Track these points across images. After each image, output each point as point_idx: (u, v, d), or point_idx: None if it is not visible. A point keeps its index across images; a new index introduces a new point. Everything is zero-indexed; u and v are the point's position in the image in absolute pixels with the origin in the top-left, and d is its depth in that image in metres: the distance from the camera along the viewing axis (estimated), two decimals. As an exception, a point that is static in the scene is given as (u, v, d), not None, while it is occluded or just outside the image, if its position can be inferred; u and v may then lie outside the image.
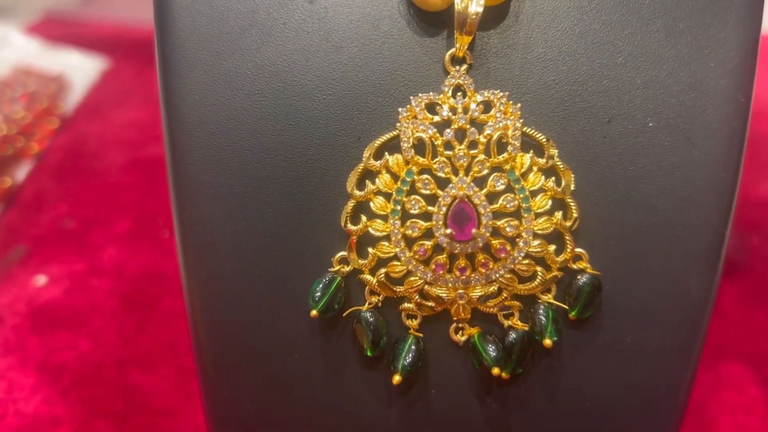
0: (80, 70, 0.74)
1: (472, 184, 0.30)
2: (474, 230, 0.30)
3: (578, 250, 0.31)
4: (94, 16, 0.83)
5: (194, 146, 0.32)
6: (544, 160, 0.30)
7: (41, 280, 0.52)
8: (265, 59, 0.32)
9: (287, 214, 0.32)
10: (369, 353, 0.31)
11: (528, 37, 0.31)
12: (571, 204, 0.30)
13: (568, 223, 0.31)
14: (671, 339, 0.33)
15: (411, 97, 0.31)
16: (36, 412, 0.43)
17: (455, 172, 0.30)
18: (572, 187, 0.30)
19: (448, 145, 0.30)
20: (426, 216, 0.30)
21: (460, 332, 0.32)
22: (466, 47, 0.31)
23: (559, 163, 0.30)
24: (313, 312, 0.31)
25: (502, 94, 0.30)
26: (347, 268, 0.31)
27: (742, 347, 0.48)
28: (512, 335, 0.31)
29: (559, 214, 0.31)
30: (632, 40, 0.31)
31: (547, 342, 0.30)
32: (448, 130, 0.30)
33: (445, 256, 0.30)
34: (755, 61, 0.32)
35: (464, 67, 0.31)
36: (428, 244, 0.30)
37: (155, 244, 0.55)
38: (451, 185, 0.30)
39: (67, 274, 0.53)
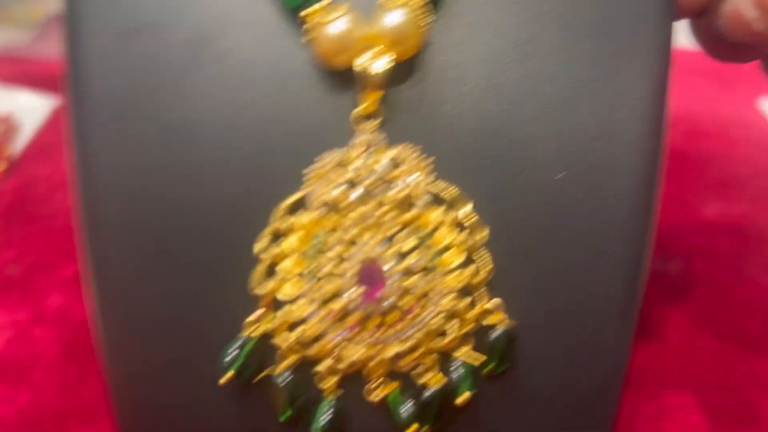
0: (30, 109, 0.73)
1: (381, 243, 0.30)
2: (381, 292, 0.30)
3: (492, 302, 0.31)
4: (45, 53, 0.83)
5: (105, 210, 0.32)
6: (455, 215, 0.30)
7: (-18, 330, 0.52)
8: (175, 120, 0.31)
9: (199, 279, 0.32)
10: (283, 418, 0.31)
11: (439, 91, 0.32)
12: (484, 257, 0.30)
13: (480, 278, 0.31)
14: (591, 384, 0.33)
15: (320, 156, 0.31)
16: (-29, 471, 0.43)
17: (364, 232, 0.30)
18: (484, 241, 0.30)
19: (356, 204, 0.30)
20: (336, 276, 0.30)
21: (376, 391, 0.31)
22: (375, 103, 0.31)
23: (470, 217, 0.30)
24: (224, 378, 0.30)
25: (413, 149, 0.30)
26: (258, 332, 0.31)
27: (685, 375, 0.49)
28: (428, 392, 0.31)
29: (470, 269, 0.30)
30: (542, 92, 0.32)
31: (461, 399, 0.30)
32: (357, 189, 0.30)
33: (357, 316, 0.30)
34: (664, 107, 0.32)
35: (375, 123, 0.31)
36: (338, 305, 0.30)
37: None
38: (360, 245, 0.30)
39: (9, 323, 0.53)
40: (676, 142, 0.68)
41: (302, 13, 0.31)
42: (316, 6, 0.31)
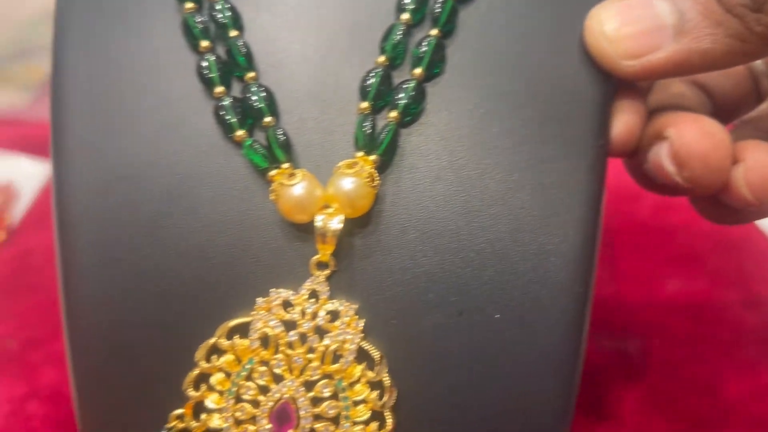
0: (29, 176, 0.77)
1: (301, 386, 0.34)
2: (291, 431, 0.34)
3: None
4: (44, 116, 0.86)
5: (88, 339, 0.37)
6: (374, 374, 0.34)
7: (-20, 408, 0.55)
8: (149, 266, 0.36)
9: (166, 399, 0.35)
10: None
11: (387, 240, 0.35)
12: (388, 418, 0.34)
13: None
14: None
15: (271, 290, 0.35)
16: None
17: (291, 372, 0.34)
18: (392, 403, 0.34)
19: (290, 345, 0.34)
20: (256, 403, 0.34)
21: None
22: (329, 254, 0.35)
23: (386, 379, 0.34)
24: None
25: (351, 307, 0.34)
26: (181, 425, 0.35)
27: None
28: None
29: (374, 425, 0.34)
30: (479, 240, 0.35)
31: None
32: (292, 332, 0.34)
33: None
34: (594, 252, 0.36)
35: (326, 272, 0.35)
36: (252, 428, 0.34)
37: (91, 365, 0.58)
38: (282, 383, 0.34)
39: (7, 398, 0.56)
40: (644, 215, 0.71)
41: (269, 175, 0.35)
42: (281, 169, 0.35)
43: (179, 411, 0.35)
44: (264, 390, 0.34)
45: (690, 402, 0.55)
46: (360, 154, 0.35)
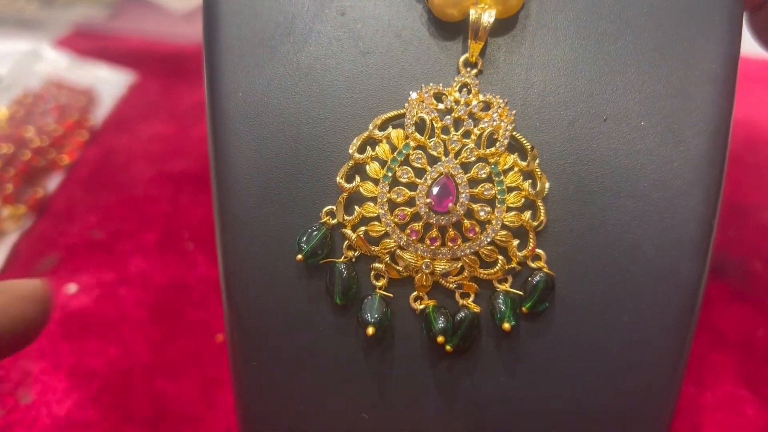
0: (108, 83, 0.76)
1: (458, 165, 0.33)
2: (451, 204, 0.33)
3: (538, 250, 0.34)
4: (121, 30, 0.86)
5: (236, 138, 0.35)
6: (526, 164, 0.33)
7: (72, 288, 0.55)
8: (301, 63, 0.35)
9: (314, 194, 0.35)
10: (338, 301, 0.34)
11: (532, 47, 0.35)
12: (541, 207, 0.33)
13: (535, 223, 0.34)
14: (663, 322, 0.34)
15: (422, 85, 0.34)
16: (68, 414, 0.46)
17: (446, 154, 0.34)
18: (545, 193, 0.33)
19: (445, 130, 0.34)
20: (412, 186, 0.34)
21: (419, 301, 0.34)
22: (477, 53, 0.34)
23: (538, 170, 0.33)
24: (299, 256, 0.34)
25: (502, 99, 0.34)
26: (333, 221, 0.34)
27: (740, 370, 0.50)
28: (462, 313, 0.34)
29: (528, 214, 0.33)
30: (626, 51, 0.35)
31: (506, 326, 0.33)
32: (447, 117, 0.34)
33: (420, 224, 0.33)
34: (736, 71, 0.35)
35: (474, 71, 0.35)
36: (408, 210, 0.33)
37: (180, 256, 0.58)
38: (440, 162, 0.33)
39: (96, 283, 0.56)
40: (736, 148, 0.70)
41: None
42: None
43: (330, 207, 0.34)
44: (420, 173, 0.34)
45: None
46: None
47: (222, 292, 0.36)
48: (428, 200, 0.33)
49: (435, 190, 0.33)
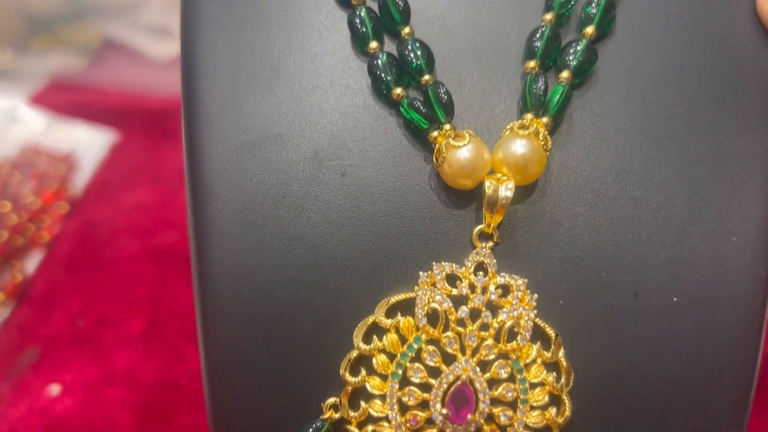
0: (89, 145, 0.73)
1: (476, 366, 0.30)
2: (470, 415, 0.30)
3: None
4: (101, 80, 0.82)
5: (225, 316, 0.32)
6: (550, 354, 0.31)
7: (55, 390, 0.52)
8: (298, 231, 0.32)
9: (315, 385, 0.32)
10: None
11: (554, 211, 0.32)
12: (566, 402, 0.31)
13: (560, 420, 0.31)
14: None
15: (433, 264, 0.31)
16: None
17: (462, 351, 0.31)
18: (570, 386, 0.31)
19: (460, 322, 0.31)
20: (425, 387, 0.31)
21: None
22: (495, 226, 0.31)
23: (563, 360, 0.31)
24: None
25: (521, 281, 0.31)
26: (336, 415, 0.31)
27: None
28: None
29: (553, 410, 0.31)
30: (656, 215, 0.32)
31: None
32: (464, 308, 0.30)
33: (435, 431, 0.30)
34: None
35: (490, 244, 0.31)
36: (421, 415, 0.30)
37: (167, 348, 0.55)
38: (456, 364, 0.30)
39: (80, 381, 0.53)
40: None
41: (430, 136, 0.31)
42: (442, 130, 0.32)
43: (333, 399, 0.31)
44: (434, 372, 0.30)
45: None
46: (529, 116, 0.32)
47: None
48: (444, 411, 0.30)
49: (452, 397, 0.30)
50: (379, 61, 0.32)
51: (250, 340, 0.32)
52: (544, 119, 0.32)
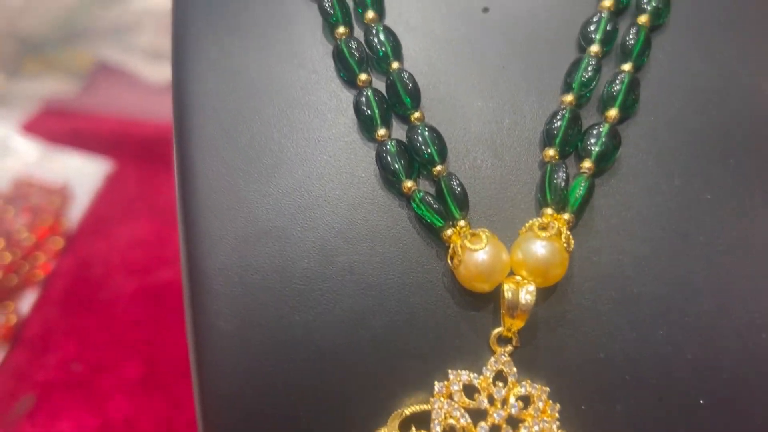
0: (83, 175, 0.71)
1: None
2: None
3: None
4: (94, 106, 0.80)
5: (224, 421, 0.31)
6: None
7: (52, 442, 0.51)
8: (301, 331, 0.30)
9: None
10: None
11: (576, 312, 0.30)
12: None
13: None
14: None
15: (449, 372, 0.29)
16: None
17: None
18: None
19: None
20: None
21: None
22: (515, 331, 0.29)
23: None
24: None
25: (543, 390, 0.29)
26: None
27: None
28: None
29: None
30: (682, 313, 0.30)
31: None
32: (483, 424, 0.29)
33: None
34: None
35: (509, 348, 0.30)
36: None
37: (166, 394, 0.54)
38: None
39: (77, 431, 0.52)
40: None
41: (444, 234, 0.29)
42: (457, 227, 0.30)
43: None
44: None
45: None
46: (549, 211, 0.30)
47: None
48: None
49: None
50: (388, 153, 0.30)
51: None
52: (566, 215, 0.30)
